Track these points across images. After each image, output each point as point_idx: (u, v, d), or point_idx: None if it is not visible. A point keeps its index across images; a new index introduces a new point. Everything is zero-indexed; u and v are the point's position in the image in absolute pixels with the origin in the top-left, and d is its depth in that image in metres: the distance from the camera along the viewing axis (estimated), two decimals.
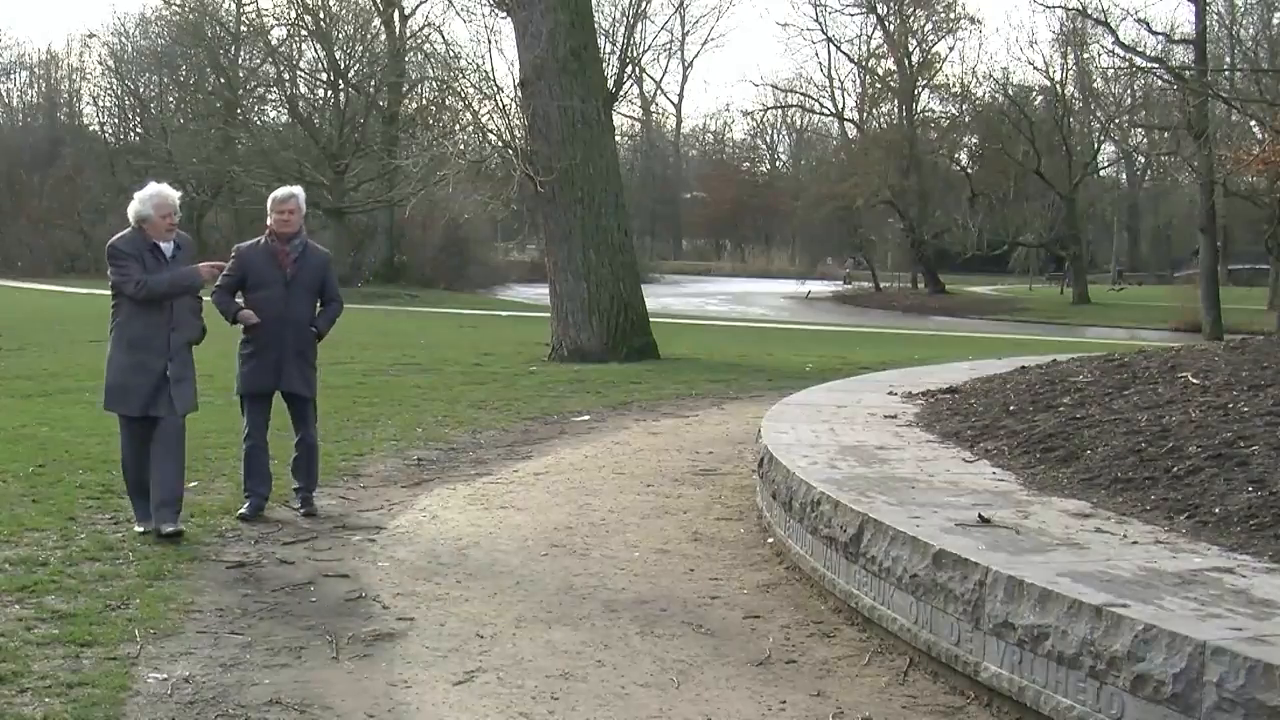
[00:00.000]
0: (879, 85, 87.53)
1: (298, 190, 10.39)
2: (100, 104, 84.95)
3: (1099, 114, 74.81)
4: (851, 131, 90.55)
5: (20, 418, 15.16)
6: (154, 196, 9.26)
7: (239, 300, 10.24)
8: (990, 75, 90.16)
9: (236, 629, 7.24)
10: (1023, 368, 13.14)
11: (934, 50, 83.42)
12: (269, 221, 10.21)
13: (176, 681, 6.33)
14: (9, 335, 28.07)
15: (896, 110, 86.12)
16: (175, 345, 9.21)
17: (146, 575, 8.20)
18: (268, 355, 10.03)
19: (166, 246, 9.28)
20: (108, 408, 9.44)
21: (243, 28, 70.50)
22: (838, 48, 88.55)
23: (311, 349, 10.31)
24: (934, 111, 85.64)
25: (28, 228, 74.50)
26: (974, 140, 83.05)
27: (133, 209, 9.28)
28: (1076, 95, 74.40)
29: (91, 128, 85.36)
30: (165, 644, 6.92)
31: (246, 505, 10.07)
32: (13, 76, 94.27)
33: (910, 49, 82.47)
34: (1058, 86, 73.19)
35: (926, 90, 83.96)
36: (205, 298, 9.63)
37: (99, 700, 6.02)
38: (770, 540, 9.07)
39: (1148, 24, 69.79)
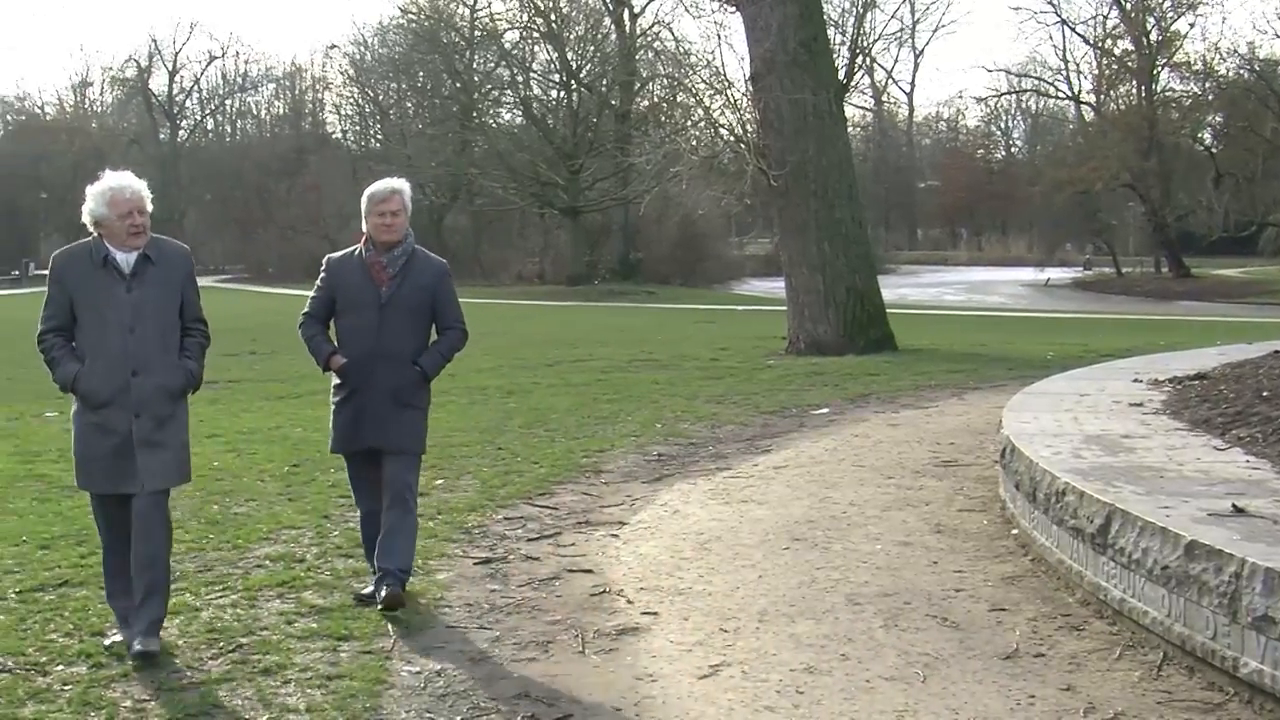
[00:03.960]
0: (1116, 66, 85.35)
1: (402, 185, 7.94)
2: (342, 112, 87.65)
3: None
4: (1088, 114, 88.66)
5: (275, 419, 15.67)
6: (107, 191, 6.93)
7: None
8: (1235, 51, 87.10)
9: (485, 624, 7.38)
10: (1276, 352, 12.72)
11: (1173, 28, 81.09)
12: (364, 226, 7.89)
13: (429, 675, 6.49)
14: (262, 340, 29.06)
15: (1135, 91, 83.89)
16: (141, 396, 6.83)
17: None
18: (356, 402, 7.78)
19: (124, 258, 6.91)
20: (79, 484, 7.21)
21: (476, 32, 71.77)
22: (1072, 29, 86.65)
23: (416, 393, 7.88)
24: (1175, 90, 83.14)
25: (276, 235, 77.06)
26: (1218, 119, 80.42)
27: (86, 209, 6.99)
28: None
29: (335, 136, 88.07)
30: (417, 638, 7.09)
31: (383, 588, 7.59)
32: (261, 90, 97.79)
33: (1148, 27, 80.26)
34: None
35: (1166, 69, 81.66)
36: (198, 325, 7.22)
37: (357, 692, 6.20)
38: (1014, 532, 8.94)
39: None
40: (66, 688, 6.28)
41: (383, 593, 7.49)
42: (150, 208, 7.00)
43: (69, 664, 6.64)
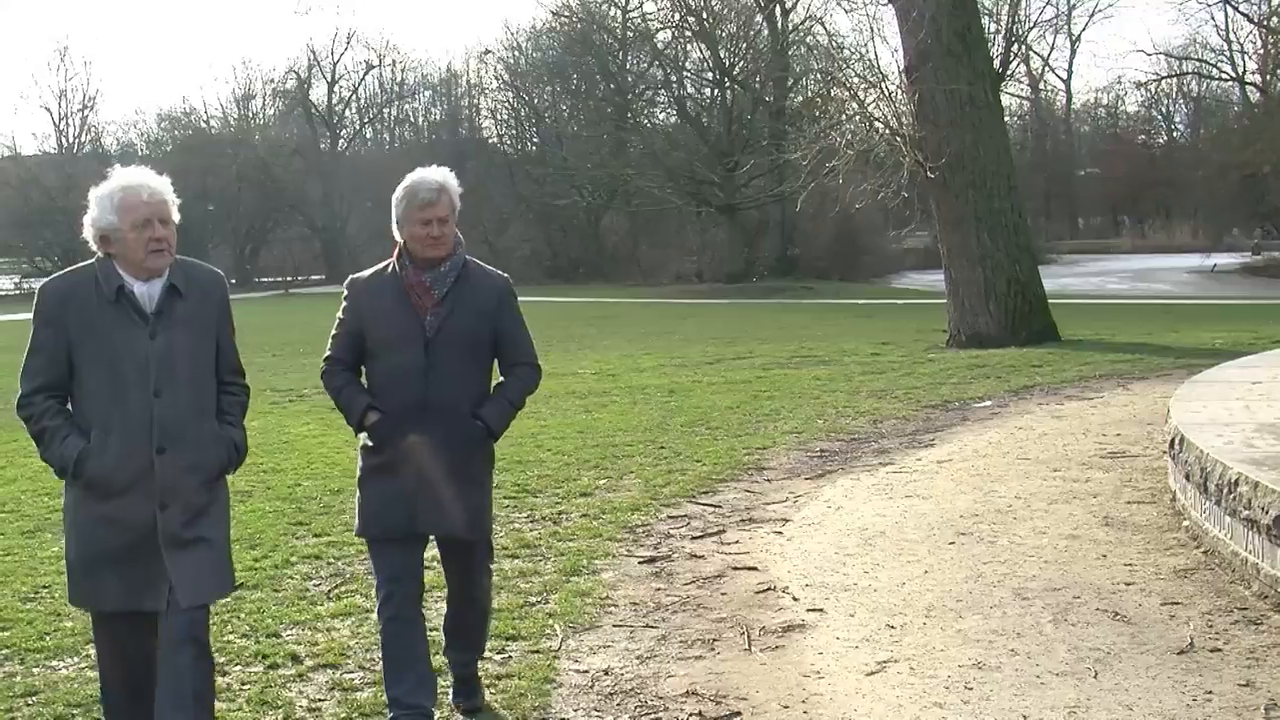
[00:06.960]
0: None
1: (450, 179, 5.87)
2: (498, 117, 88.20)
3: None
4: (1254, 95, 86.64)
5: None
6: (117, 191, 5.02)
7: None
8: None
9: (651, 622, 7.43)
10: None
11: None
12: (400, 235, 5.85)
13: (596, 674, 6.56)
14: None
15: None
16: (170, 480, 5.04)
17: (564, 571, 8.49)
18: (398, 473, 5.76)
19: (145, 290, 5.07)
20: (73, 599, 5.31)
21: (629, 33, 71.97)
22: (1235, 8, 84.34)
23: (477, 457, 5.93)
24: None
25: None
26: None
27: (88, 219, 5.07)
28: None
29: (491, 140, 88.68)
30: (584, 637, 7.17)
31: (461, 694, 6.16)
32: (417, 97, 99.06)
33: None
34: None
35: None
36: (239, 383, 5.48)
37: (525, 691, 6.29)
38: (1185, 524, 8.78)
39: None
40: (245, 687, 6.45)
41: (454, 692, 6.17)
42: (177, 217, 5.14)
43: (245, 664, 6.81)
